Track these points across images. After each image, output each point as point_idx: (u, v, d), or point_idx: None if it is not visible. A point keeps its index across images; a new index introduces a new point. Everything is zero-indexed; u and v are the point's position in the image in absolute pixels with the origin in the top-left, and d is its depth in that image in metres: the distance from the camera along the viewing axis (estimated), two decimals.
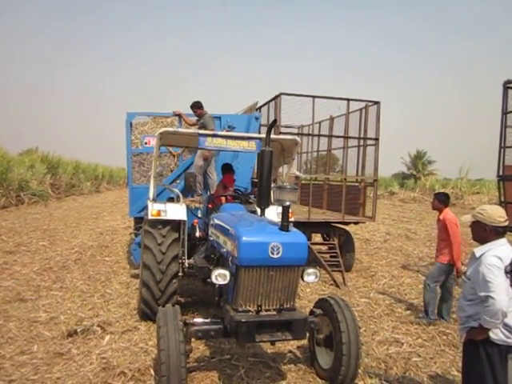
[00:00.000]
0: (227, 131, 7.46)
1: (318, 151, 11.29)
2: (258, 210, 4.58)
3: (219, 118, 7.71)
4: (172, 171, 7.74)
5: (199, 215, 5.78)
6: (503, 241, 2.97)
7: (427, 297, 5.80)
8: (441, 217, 5.90)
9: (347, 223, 8.85)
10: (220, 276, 3.59)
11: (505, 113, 7.12)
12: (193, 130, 5.28)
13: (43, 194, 21.14)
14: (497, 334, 2.86)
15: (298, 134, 10.75)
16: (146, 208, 5.44)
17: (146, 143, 7.80)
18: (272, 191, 4.42)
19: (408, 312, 6.16)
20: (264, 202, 4.13)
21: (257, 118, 7.79)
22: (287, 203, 3.60)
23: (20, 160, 23.17)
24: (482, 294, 2.80)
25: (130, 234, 9.09)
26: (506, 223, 2.98)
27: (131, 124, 7.79)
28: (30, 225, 13.62)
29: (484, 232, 2.99)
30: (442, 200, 5.95)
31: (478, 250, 2.98)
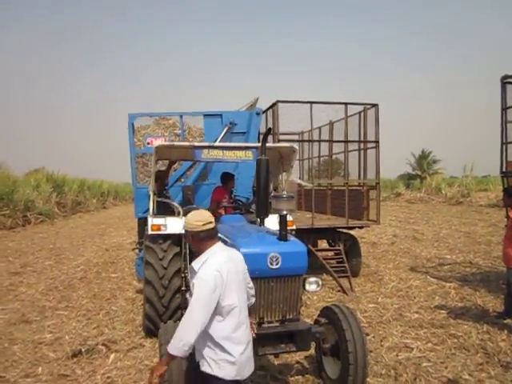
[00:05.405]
0: (229, 128, 7.46)
1: (319, 157, 11.23)
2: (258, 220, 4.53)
3: (220, 115, 7.68)
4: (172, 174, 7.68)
5: None
6: (216, 248, 2.72)
7: None
8: (510, 214, 5.48)
9: (352, 228, 8.76)
10: None
11: (504, 108, 7.01)
12: (188, 143, 5.25)
13: (49, 213, 21.26)
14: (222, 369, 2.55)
15: (298, 141, 10.71)
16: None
17: (148, 143, 7.77)
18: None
19: (417, 316, 6.04)
20: (263, 212, 4.07)
21: (258, 114, 7.75)
22: (284, 212, 3.55)
23: (25, 180, 23.35)
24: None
25: (133, 249, 9.05)
26: (208, 226, 2.69)
27: (133, 126, 7.77)
28: (37, 244, 13.67)
29: (190, 241, 2.77)
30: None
31: (196, 263, 2.69)
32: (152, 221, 5.16)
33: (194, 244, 2.78)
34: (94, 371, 4.48)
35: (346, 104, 8.38)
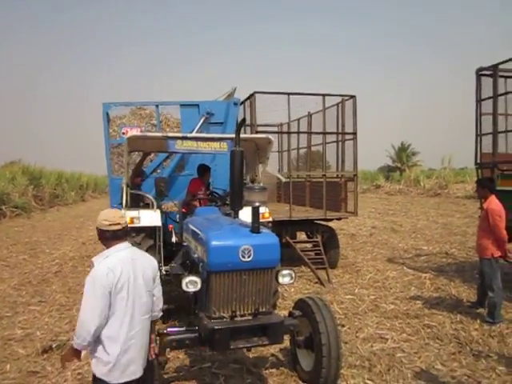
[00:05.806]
0: (206, 118, 7.36)
1: (297, 149, 11.20)
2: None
3: (197, 105, 7.57)
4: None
5: (177, 220, 5.65)
6: (119, 247, 2.69)
7: (497, 299, 5.28)
8: (484, 205, 5.43)
9: (330, 219, 8.77)
10: (190, 283, 3.47)
11: (479, 100, 7.08)
12: (161, 134, 5.14)
13: (26, 207, 20.74)
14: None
15: (277, 133, 10.65)
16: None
17: (123, 133, 7.60)
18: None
19: (392, 307, 6.09)
20: (237, 204, 4.00)
21: (235, 104, 7.66)
22: (256, 204, 3.49)
23: (0, 173, 22.76)
24: None
25: None
26: (113, 228, 2.67)
27: (108, 116, 7.59)
28: (12, 238, 13.33)
29: (98, 237, 2.79)
30: (485, 185, 5.51)
31: (96, 258, 2.70)
32: (125, 213, 5.06)
33: (101, 241, 2.79)
34: (65, 367, 4.37)
35: (323, 95, 8.36)
